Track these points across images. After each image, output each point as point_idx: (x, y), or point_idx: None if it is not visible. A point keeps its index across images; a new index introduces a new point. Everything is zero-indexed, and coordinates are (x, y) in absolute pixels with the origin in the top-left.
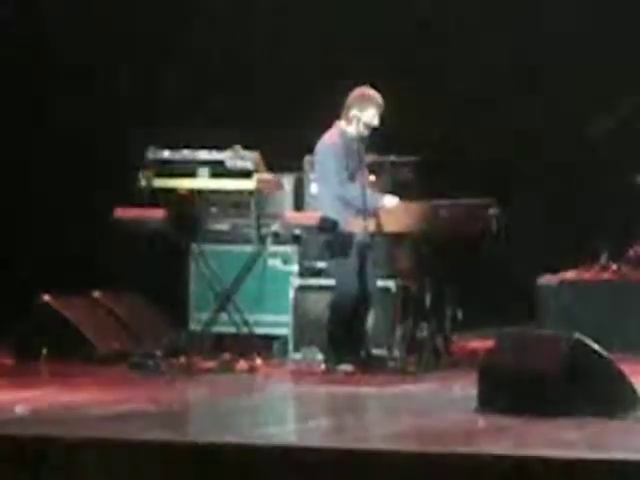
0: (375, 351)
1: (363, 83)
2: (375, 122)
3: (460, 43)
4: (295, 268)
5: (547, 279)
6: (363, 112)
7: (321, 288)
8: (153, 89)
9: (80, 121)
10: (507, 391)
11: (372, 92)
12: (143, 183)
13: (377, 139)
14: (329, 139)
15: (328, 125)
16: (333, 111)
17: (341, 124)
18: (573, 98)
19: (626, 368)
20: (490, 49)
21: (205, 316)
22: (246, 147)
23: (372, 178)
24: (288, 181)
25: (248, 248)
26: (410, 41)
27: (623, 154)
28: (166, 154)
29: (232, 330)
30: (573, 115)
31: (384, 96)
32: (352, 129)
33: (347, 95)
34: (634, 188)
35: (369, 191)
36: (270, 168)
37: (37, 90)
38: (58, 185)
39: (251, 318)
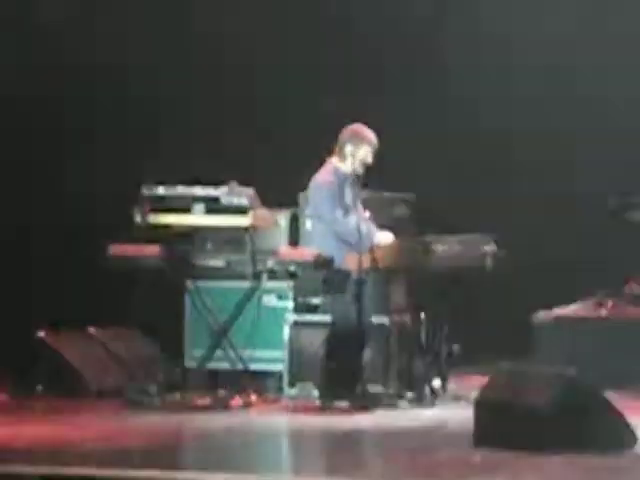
0: (371, 387)
1: (358, 120)
2: (369, 160)
3: (458, 82)
4: (290, 304)
5: (543, 315)
6: (358, 149)
7: (316, 324)
8: (150, 125)
9: (77, 156)
10: (503, 427)
11: (366, 130)
12: (138, 219)
13: (373, 175)
14: (322, 177)
15: (321, 162)
16: (327, 148)
17: (334, 161)
18: (571, 133)
19: (621, 405)
20: (489, 86)
21: (200, 352)
22: (241, 183)
23: (367, 214)
24: (283, 217)
25: (243, 284)
26: (407, 81)
27: (618, 191)
28: (161, 190)
29: (227, 366)
30: (570, 150)
31: (381, 133)
32: (346, 166)
33: (340, 132)
34: (631, 224)
35: (364, 226)
36: (265, 204)
37: (35, 126)
38: (55, 221)
39: (246, 354)
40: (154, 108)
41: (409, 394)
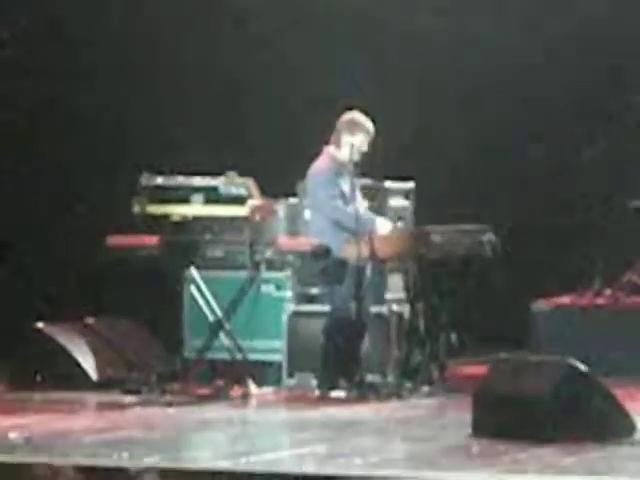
0: (369, 377)
1: (357, 108)
2: (364, 147)
3: (458, 74)
4: (289, 294)
5: (541, 304)
6: (354, 137)
7: (315, 314)
8: (148, 116)
9: (75, 148)
10: (501, 417)
11: (362, 117)
12: (137, 209)
13: (373, 165)
14: (320, 166)
15: (319, 151)
16: (324, 136)
17: (330, 149)
18: (567, 130)
19: (619, 393)
20: (488, 80)
21: (199, 342)
22: (240, 173)
23: (365, 204)
24: (282, 207)
25: (242, 274)
26: (408, 72)
27: (616, 180)
28: (160, 180)
29: (226, 356)
30: (569, 142)
31: (381, 123)
32: (343, 154)
33: (337, 120)
34: (628, 214)
35: (363, 212)
36: (264, 194)
37: (30, 116)
38: (53, 212)
39: (245, 344)
40: (153, 97)
41: (407, 384)
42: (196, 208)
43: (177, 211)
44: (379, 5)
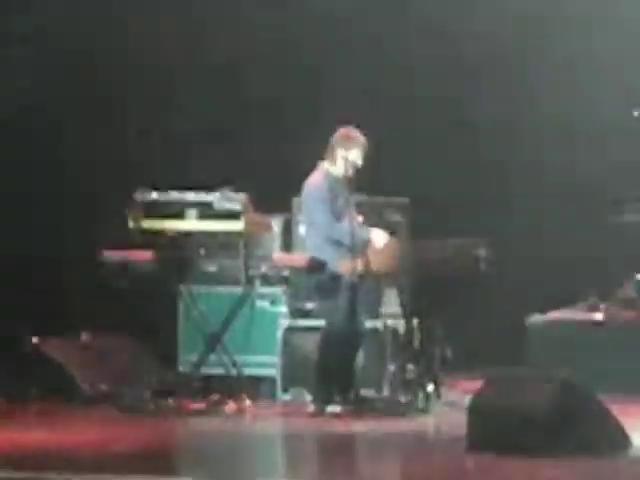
0: (364, 392)
1: (349, 124)
2: (359, 162)
3: (455, 85)
4: (283, 309)
5: (536, 319)
6: (349, 152)
7: (309, 329)
8: (143, 130)
9: (72, 160)
10: (496, 431)
11: (356, 132)
12: (131, 224)
13: (366, 179)
14: (314, 181)
15: (314, 166)
16: (319, 152)
17: (325, 165)
18: (565, 135)
19: (614, 408)
20: (485, 88)
21: (194, 357)
22: (234, 189)
23: (360, 218)
24: (276, 222)
25: (236, 289)
26: (400, 84)
27: (610, 193)
28: (154, 195)
29: (221, 371)
30: (564, 152)
31: (373, 138)
32: (337, 169)
33: (331, 135)
34: (622, 227)
35: (357, 227)
36: (258, 210)
37: (31, 130)
38: (48, 226)
39: (239, 359)
40: (148, 113)
41: (402, 399)
42: (191, 223)
43: (172, 226)
44: (375, 19)
